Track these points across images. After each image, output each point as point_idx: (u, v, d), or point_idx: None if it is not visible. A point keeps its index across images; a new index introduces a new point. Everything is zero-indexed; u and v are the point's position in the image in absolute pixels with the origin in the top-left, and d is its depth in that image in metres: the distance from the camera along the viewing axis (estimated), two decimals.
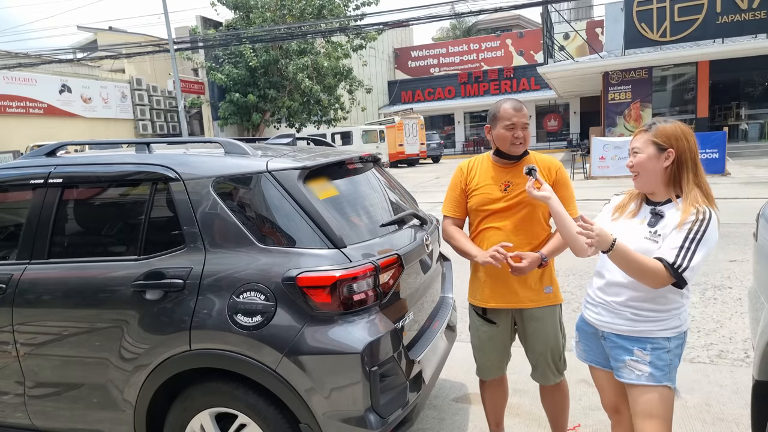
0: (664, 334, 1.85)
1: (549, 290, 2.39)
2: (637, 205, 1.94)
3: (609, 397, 2.10)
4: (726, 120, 21.09)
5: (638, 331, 1.86)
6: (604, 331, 1.96)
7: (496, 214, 2.35)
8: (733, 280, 5.22)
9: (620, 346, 1.91)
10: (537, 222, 2.35)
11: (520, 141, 2.31)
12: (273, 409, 2.07)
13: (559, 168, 2.41)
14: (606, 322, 1.94)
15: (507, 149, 2.34)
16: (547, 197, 2.08)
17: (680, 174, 1.83)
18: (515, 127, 2.29)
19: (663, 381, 1.84)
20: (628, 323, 1.88)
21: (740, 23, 16.05)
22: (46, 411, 2.45)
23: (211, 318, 2.07)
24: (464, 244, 2.39)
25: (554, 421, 2.58)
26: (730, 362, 3.52)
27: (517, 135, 2.30)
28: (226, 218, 2.17)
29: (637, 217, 1.91)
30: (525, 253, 2.23)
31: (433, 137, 29.66)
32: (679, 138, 1.81)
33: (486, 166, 2.43)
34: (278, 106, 21.67)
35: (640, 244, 1.82)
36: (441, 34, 47.19)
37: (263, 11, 20.61)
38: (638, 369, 1.86)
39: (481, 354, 2.53)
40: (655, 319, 1.85)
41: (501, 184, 2.36)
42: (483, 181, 2.39)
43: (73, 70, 21.15)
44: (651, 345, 1.85)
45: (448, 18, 27.15)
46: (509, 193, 2.34)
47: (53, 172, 2.49)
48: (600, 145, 14.69)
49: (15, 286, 2.40)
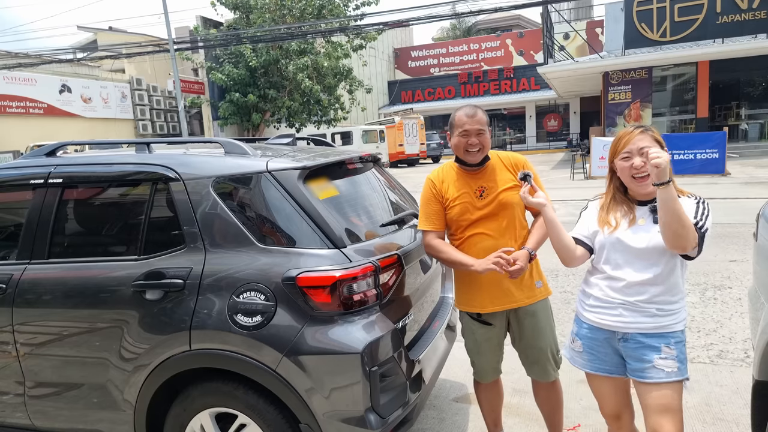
0: (680, 327, 1.90)
1: (540, 284, 2.40)
2: (628, 209, 1.94)
3: (611, 405, 2.07)
4: (726, 120, 21.10)
5: (662, 326, 1.88)
6: (628, 332, 1.92)
7: (479, 221, 2.33)
8: (733, 280, 5.22)
9: (647, 346, 1.89)
10: (517, 220, 2.35)
11: (476, 148, 2.27)
12: (273, 409, 2.07)
13: (525, 162, 2.40)
14: (630, 322, 1.91)
15: (463, 156, 2.32)
16: (543, 204, 2.05)
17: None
18: (469, 134, 2.26)
19: (685, 373, 1.89)
20: (653, 320, 1.88)
21: (740, 23, 16.05)
22: (46, 411, 2.45)
23: (211, 318, 2.07)
24: (456, 255, 2.33)
25: (551, 418, 2.58)
26: (730, 362, 3.52)
27: (471, 142, 2.26)
28: (226, 218, 2.17)
29: (636, 220, 1.92)
30: (516, 253, 2.21)
31: (433, 137, 29.66)
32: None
33: (455, 176, 2.39)
34: (278, 106, 21.67)
35: (656, 240, 1.84)
36: (441, 34, 47.20)
37: (263, 12, 20.61)
38: (667, 366, 1.86)
39: (479, 357, 2.52)
40: (673, 311, 1.89)
41: (475, 190, 2.34)
42: (457, 191, 2.35)
43: (73, 70, 21.16)
44: (674, 339, 1.88)
45: (448, 18, 27.16)
46: (485, 198, 2.32)
47: (53, 172, 2.49)
48: (600, 145, 14.69)
49: (15, 286, 2.40)
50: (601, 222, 1.98)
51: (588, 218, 2.06)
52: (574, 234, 2.07)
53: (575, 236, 2.05)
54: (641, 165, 1.83)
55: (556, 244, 2.02)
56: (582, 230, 2.06)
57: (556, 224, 2.02)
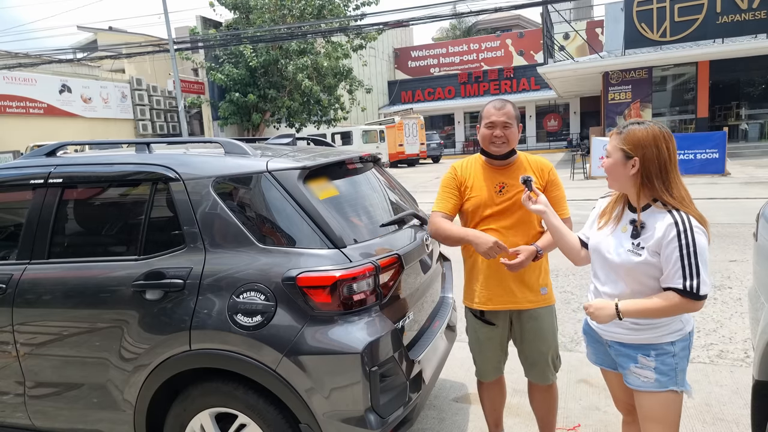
0: (667, 339, 1.81)
1: (545, 291, 2.39)
2: (621, 210, 1.90)
3: (621, 397, 2.08)
4: (726, 120, 21.10)
5: (641, 339, 1.83)
6: (607, 339, 1.94)
7: (492, 216, 2.33)
8: (733, 280, 5.22)
9: (624, 354, 1.89)
10: (532, 222, 2.35)
11: (501, 140, 2.28)
12: (273, 409, 2.07)
13: (551, 169, 2.40)
14: (607, 330, 1.91)
15: (487, 148, 2.33)
16: (543, 211, 2.04)
17: (650, 182, 1.77)
18: (495, 126, 2.28)
19: (668, 386, 1.81)
20: (629, 332, 1.85)
21: (740, 23, 16.05)
22: (46, 411, 2.45)
23: (211, 318, 2.07)
24: (458, 229, 2.31)
25: (544, 420, 2.58)
26: (730, 362, 3.52)
27: (496, 134, 2.27)
28: (226, 218, 2.17)
29: (620, 224, 1.87)
30: (521, 247, 2.21)
31: (433, 137, 29.68)
32: (647, 146, 1.74)
33: (479, 168, 2.41)
34: (278, 106, 21.66)
35: (624, 257, 1.79)
36: (441, 34, 47.20)
37: (262, 12, 20.61)
38: (643, 375, 1.83)
39: (481, 356, 2.53)
40: (656, 325, 1.81)
41: (496, 185, 2.35)
42: (478, 183, 2.37)
43: (73, 70, 21.15)
44: (655, 351, 1.82)
45: (448, 18, 27.16)
46: (504, 195, 2.33)
47: (53, 172, 2.49)
48: (600, 145, 14.70)
49: (15, 286, 2.40)
50: (601, 215, 1.99)
51: (592, 218, 2.06)
52: (580, 234, 2.09)
53: (581, 237, 2.08)
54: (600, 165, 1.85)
55: (561, 247, 2.08)
56: (587, 231, 2.06)
57: (559, 228, 2.04)
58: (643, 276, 1.78)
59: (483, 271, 2.37)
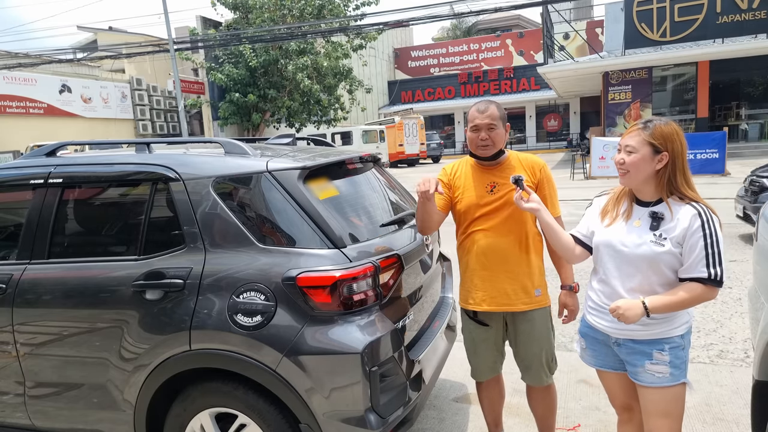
0: (678, 332, 1.85)
1: (539, 293, 2.38)
2: (629, 205, 1.91)
3: (620, 397, 2.08)
4: (726, 120, 21.09)
5: (655, 333, 1.85)
6: (619, 338, 1.93)
7: (485, 216, 2.33)
8: (733, 280, 5.21)
9: (638, 352, 1.89)
10: (525, 221, 2.34)
11: (485, 143, 2.28)
12: (273, 409, 2.07)
13: (542, 167, 2.39)
14: (620, 329, 1.90)
15: (475, 150, 2.34)
16: (536, 209, 2.03)
17: (674, 175, 1.81)
18: (479, 129, 2.27)
19: (680, 378, 1.85)
20: (644, 328, 1.85)
21: (740, 23, 16.05)
22: (46, 411, 2.45)
23: (211, 318, 2.07)
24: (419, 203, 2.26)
25: (543, 420, 2.57)
26: (730, 362, 3.52)
27: (481, 137, 2.27)
28: (226, 218, 2.17)
29: (632, 219, 1.88)
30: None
31: (433, 137, 29.67)
32: (674, 140, 1.79)
33: (469, 169, 2.41)
34: (278, 106, 21.67)
35: (645, 249, 1.81)
36: (441, 34, 47.19)
37: (262, 12, 20.61)
38: (659, 371, 1.85)
39: (475, 356, 2.53)
40: (669, 318, 1.84)
41: (487, 185, 2.34)
42: (469, 184, 2.37)
43: (73, 70, 21.16)
44: (668, 345, 1.85)
45: (448, 18, 27.13)
46: (496, 194, 2.32)
47: (53, 172, 2.49)
48: (600, 145, 14.70)
49: (15, 286, 2.40)
50: (603, 212, 1.98)
51: (589, 216, 2.06)
52: (574, 232, 2.08)
53: (574, 234, 2.07)
54: (621, 162, 1.85)
55: (555, 244, 2.08)
56: (582, 229, 2.06)
57: (552, 226, 2.04)
58: (664, 266, 1.81)
59: (477, 271, 2.37)
